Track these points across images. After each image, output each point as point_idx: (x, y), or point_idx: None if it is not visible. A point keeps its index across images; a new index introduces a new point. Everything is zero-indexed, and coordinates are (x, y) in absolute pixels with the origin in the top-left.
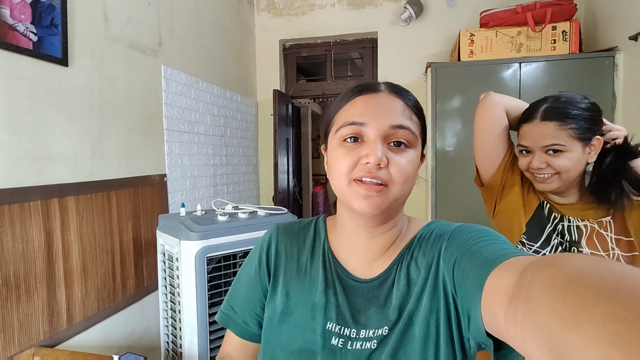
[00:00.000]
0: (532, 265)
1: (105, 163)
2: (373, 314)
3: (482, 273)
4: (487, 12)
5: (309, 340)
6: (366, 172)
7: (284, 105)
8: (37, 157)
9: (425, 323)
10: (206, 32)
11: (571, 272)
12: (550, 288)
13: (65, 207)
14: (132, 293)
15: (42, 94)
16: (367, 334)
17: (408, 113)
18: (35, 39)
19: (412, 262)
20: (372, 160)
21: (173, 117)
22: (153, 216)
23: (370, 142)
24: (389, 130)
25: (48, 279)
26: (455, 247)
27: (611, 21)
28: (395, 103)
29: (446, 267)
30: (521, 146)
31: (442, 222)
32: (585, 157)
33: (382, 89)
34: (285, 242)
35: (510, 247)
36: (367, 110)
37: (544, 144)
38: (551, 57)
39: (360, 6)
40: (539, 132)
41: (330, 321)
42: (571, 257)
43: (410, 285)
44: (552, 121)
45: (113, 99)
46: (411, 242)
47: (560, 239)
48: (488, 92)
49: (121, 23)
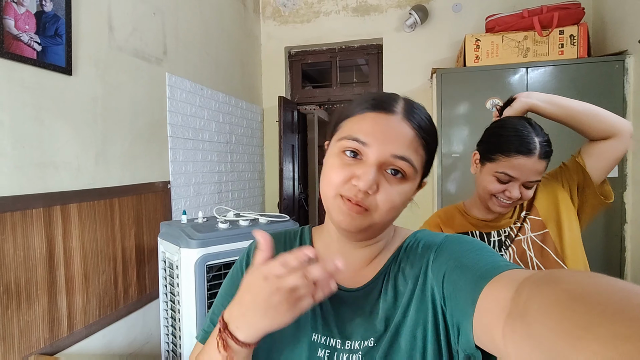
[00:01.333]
0: (528, 280)
1: (108, 170)
2: (358, 325)
3: (475, 286)
4: (493, 17)
5: (295, 353)
6: (352, 195)
7: (289, 112)
8: (40, 165)
9: (412, 335)
10: (212, 40)
11: (575, 291)
12: (552, 307)
13: (68, 214)
14: (134, 300)
15: (46, 102)
16: (353, 346)
17: (415, 145)
18: (40, 48)
19: (400, 273)
20: (362, 186)
21: (177, 124)
22: (156, 223)
23: (367, 165)
24: (390, 158)
25: (49, 286)
26: (445, 259)
27: (621, 24)
28: (405, 131)
29: (435, 279)
30: (506, 175)
31: (429, 232)
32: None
33: (396, 111)
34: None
35: (500, 259)
36: (373, 131)
37: (532, 179)
38: (559, 61)
39: (365, 13)
40: (534, 169)
41: (315, 332)
42: (570, 273)
43: (397, 297)
44: (545, 159)
45: (117, 106)
46: (397, 252)
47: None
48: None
49: (126, 32)
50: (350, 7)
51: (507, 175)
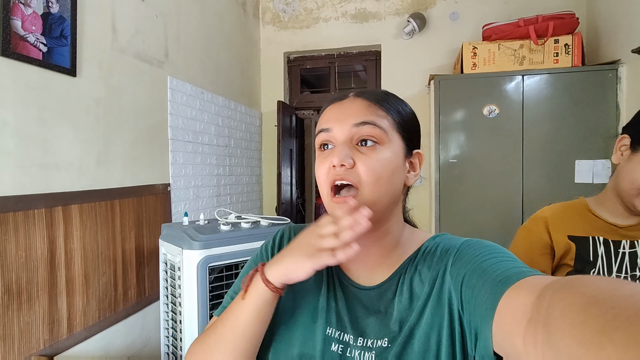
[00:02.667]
0: (550, 286)
1: (109, 172)
2: (372, 323)
3: (495, 292)
4: (490, 26)
5: (309, 345)
6: (335, 175)
7: (287, 117)
8: (43, 165)
9: (426, 337)
10: (212, 44)
11: (590, 295)
12: (569, 311)
13: (69, 215)
14: (133, 303)
15: (50, 103)
16: (366, 343)
17: (373, 109)
18: (45, 49)
19: (416, 275)
20: (336, 162)
21: (178, 127)
22: (156, 225)
23: (337, 146)
24: (352, 129)
25: (50, 287)
26: (464, 263)
27: (614, 34)
28: (358, 103)
29: (453, 283)
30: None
31: (449, 236)
32: None
33: (348, 95)
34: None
35: (522, 265)
36: (332, 116)
37: None
38: (554, 70)
39: (364, 20)
40: None
41: (330, 326)
42: (590, 278)
43: (413, 299)
44: None
45: (119, 108)
46: (415, 254)
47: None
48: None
49: (129, 34)
50: (349, 14)
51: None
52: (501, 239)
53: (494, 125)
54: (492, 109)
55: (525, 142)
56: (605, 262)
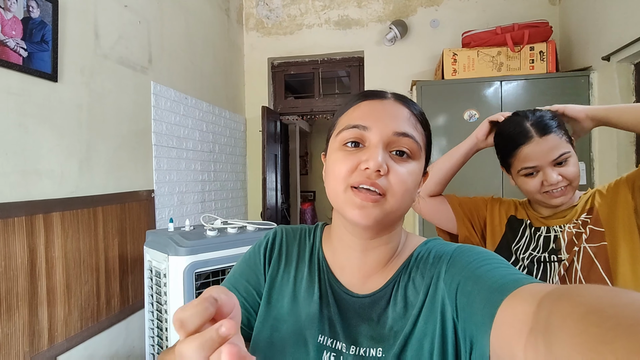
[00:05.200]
0: (549, 295)
1: (92, 178)
2: (365, 331)
3: (492, 300)
4: (469, 33)
5: (301, 353)
6: (364, 178)
7: (272, 122)
8: (23, 172)
9: (419, 345)
10: (196, 50)
11: (589, 304)
12: (569, 320)
13: (50, 223)
14: (116, 312)
15: (31, 109)
16: (358, 352)
17: (413, 121)
18: (26, 54)
19: (410, 283)
20: (372, 166)
21: (162, 132)
22: (140, 233)
23: (372, 147)
24: (392, 137)
25: (30, 297)
26: (458, 270)
27: (585, 43)
28: (401, 110)
29: (447, 290)
30: (527, 168)
31: (441, 241)
32: (577, 161)
33: (388, 96)
34: (288, 243)
35: (517, 272)
36: (371, 114)
37: (554, 157)
38: (530, 76)
39: (346, 26)
40: (544, 147)
41: (323, 334)
42: (588, 287)
43: (408, 307)
44: (549, 134)
45: (102, 114)
46: (408, 261)
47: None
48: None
49: (112, 40)
50: (333, 21)
51: (529, 169)
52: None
53: (474, 129)
54: (472, 114)
55: None
56: (527, 240)
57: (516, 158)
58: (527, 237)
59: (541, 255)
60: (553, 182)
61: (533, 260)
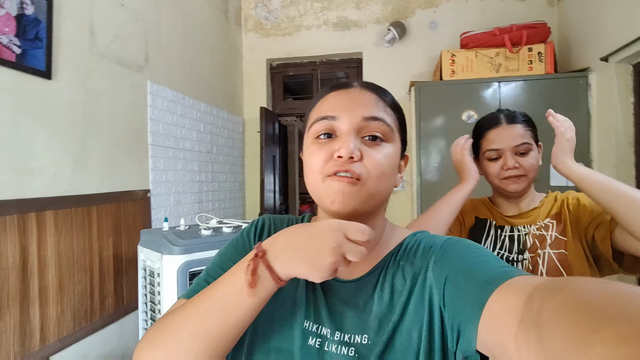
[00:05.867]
0: (540, 287)
1: (86, 177)
2: (350, 318)
3: (482, 291)
4: (467, 34)
5: (287, 339)
6: (339, 166)
7: (270, 123)
8: (16, 170)
9: (408, 334)
10: (194, 50)
11: (580, 295)
12: (560, 312)
13: (43, 221)
14: (110, 312)
15: (24, 106)
16: (343, 337)
17: (382, 105)
18: (19, 51)
19: (398, 271)
20: (344, 153)
21: (158, 132)
22: (135, 232)
23: (343, 136)
24: (362, 122)
25: (21, 296)
26: (448, 260)
27: (584, 43)
28: (368, 96)
29: (435, 280)
30: (491, 150)
31: (429, 234)
32: (538, 159)
33: (355, 85)
34: (276, 229)
35: (507, 265)
36: (338, 104)
37: (516, 143)
38: (528, 77)
39: (345, 28)
40: (509, 133)
41: (308, 319)
42: (579, 280)
43: (394, 295)
44: (517, 124)
45: (97, 113)
46: (396, 250)
47: (501, 251)
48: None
49: (108, 39)
50: (331, 22)
51: (492, 151)
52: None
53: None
54: (470, 115)
55: None
56: (493, 239)
57: (484, 139)
58: (492, 237)
59: (510, 255)
60: (510, 165)
61: (502, 258)
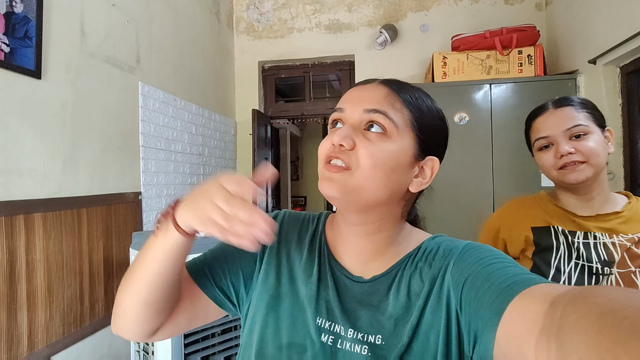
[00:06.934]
0: (563, 296)
1: (76, 179)
2: (364, 316)
3: (502, 297)
4: (458, 37)
5: (299, 334)
6: (330, 152)
7: (262, 126)
8: (4, 171)
9: (425, 337)
10: (185, 52)
11: (605, 305)
12: (584, 321)
13: (32, 224)
14: (101, 317)
15: (12, 106)
16: (356, 336)
17: (391, 100)
18: (8, 50)
19: (416, 273)
20: (335, 141)
21: (150, 134)
22: (126, 235)
23: (343, 126)
24: (363, 114)
25: (9, 301)
26: (467, 264)
27: (572, 46)
28: (379, 90)
29: (453, 283)
30: (541, 139)
31: (448, 237)
32: (606, 146)
33: (374, 80)
34: (289, 226)
35: (529, 272)
36: (348, 97)
37: (567, 126)
38: (518, 79)
39: (337, 30)
40: (557, 117)
41: (320, 316)
42: (604, 289)
43: (411, 297)
44: (566, 107)
45: (87, 113)
46: (415, 252)
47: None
48: None
49: (98, 39)
50: (323, 25)
51: (542, 139)
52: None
53: (464, 132)
54: (462, 117)
55: (495, 148)
56: (566, 249)
57: (532, 130)
58: (563, 246)
59: (592, 265)
60: (563, 152)
61: (583, 270)
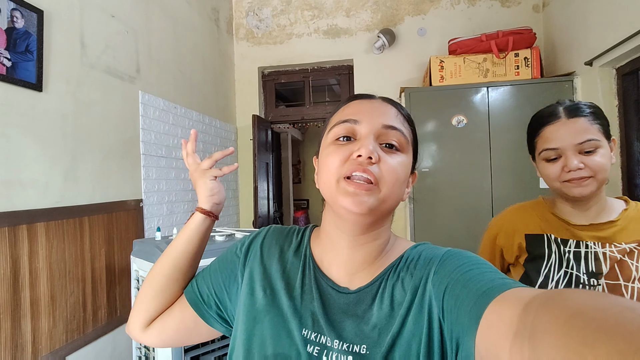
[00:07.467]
0: (535, 299)
1: (78, 188)
2: (349, 327)
3: (479, 302)
4: (455, 40)
5: (285, 346)
6: (357, 166)
7: (263, 131)
8: (6, 182)
9: (407, 346)
10: (185, 60)
11: (574, 307)
12: (554, 324)
13: (35, 233)
14: (103, 324)
15: (14, 118)
16: (341, 346)
17: (401, 119)
18: (9, 64)
19: (398, 283)
20: (364, 153)
21: (150, 142)
22: (128, 243)
23: (363, 138)
24: (382, 129)
25: (13, 309)
26: (447, 272)
27: (568, 48)
28: (388, 108)
29: (435, 291)
30: (549, 150)
31: (430, 245)
32: (610, 158)
33: (375, 97)
34: (272, 239)
35: (505, 277)
36: (361, 111)
37: (579, 140)
38: (515, 81)
39: (336, 35)
40: (570, 129)
41: (306, 327)
42: (574, 292)
43: (394, 307)
44: (580, 117)
45: (88, 124)
46: (397, 262)
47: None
48: None
49: (98, 50)
50: (322, 30)
51: (551, 151)
52: (473, 245)
53: (462, 135)
54: (460, 119)
55: (493, 150)
56: (557, 258)
57: (540, 137)
58: (555, 255)
59: (580, 275)
60: (572, 167)
61: (571, 279)
